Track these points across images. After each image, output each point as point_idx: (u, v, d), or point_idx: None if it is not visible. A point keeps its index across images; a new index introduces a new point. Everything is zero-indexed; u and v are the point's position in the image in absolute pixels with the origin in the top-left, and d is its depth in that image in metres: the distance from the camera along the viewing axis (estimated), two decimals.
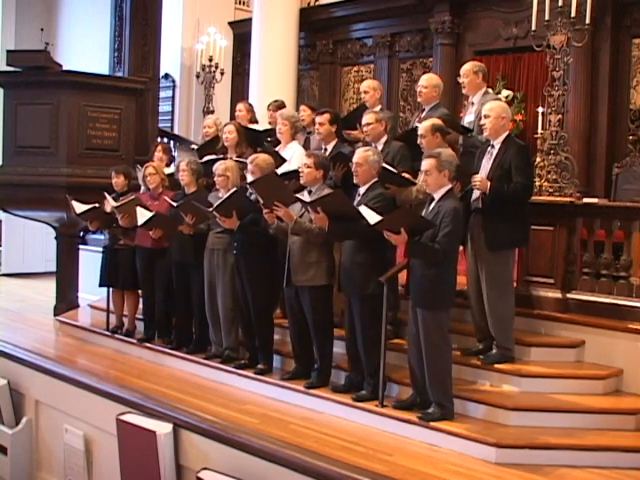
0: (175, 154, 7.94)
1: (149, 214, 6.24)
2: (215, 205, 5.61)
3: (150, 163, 6.78)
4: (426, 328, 4.73)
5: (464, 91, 6.01)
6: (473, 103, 5.88)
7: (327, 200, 5.02)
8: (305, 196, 5.26)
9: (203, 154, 6.72)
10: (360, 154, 5.14)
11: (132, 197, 6.61)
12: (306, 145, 6.49)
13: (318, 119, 5.91)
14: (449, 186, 4.79)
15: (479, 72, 5.83)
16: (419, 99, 6.10)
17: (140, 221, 6.25)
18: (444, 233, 4.62)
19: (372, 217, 4.74)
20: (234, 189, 5.61)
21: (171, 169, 6.91)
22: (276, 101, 7.28)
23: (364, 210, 4.83)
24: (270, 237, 5.55)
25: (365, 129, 5.64)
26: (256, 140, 6.57)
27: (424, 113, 6.00)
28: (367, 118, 5.64)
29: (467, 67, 5.88)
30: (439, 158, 4.75)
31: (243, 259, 5.72)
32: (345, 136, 6.09)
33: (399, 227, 4.66)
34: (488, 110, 5.17)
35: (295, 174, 5.53)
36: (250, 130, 6.68)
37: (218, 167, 5.86)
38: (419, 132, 5.34)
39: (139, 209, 6.31)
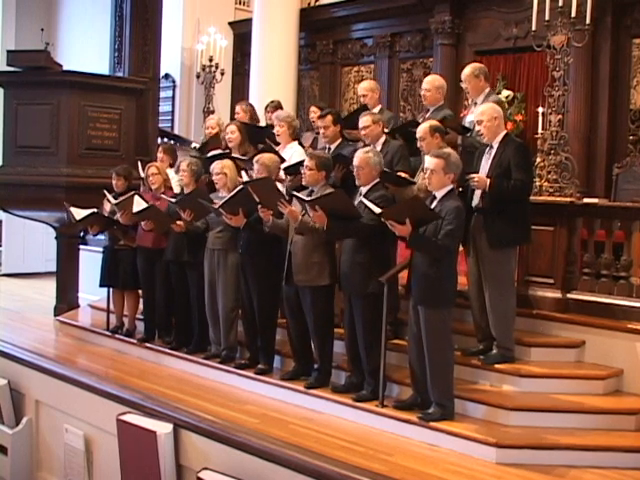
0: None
1: (145, 204, 6.28)
2: (222, 202, 5.58)
3: (153, 163, 6.78)
4: (428, 326, 4.72)
5: (469, 96, 6.02)
6: (476, 103, 5.86)
7: (327, 199, 5.01)
8: (304, 194, 5.24)
9: (206, 151, 6.70)
10: (361, 157, 5.09)
11: (132, 193, 6.61)
12: (314, 145, 6.50)
13: (321, 122, 5.90)
14: (451, 186, 4.79)
15: (480, 75, 5.82)
16: (424, 101, 6.10)
17: (135, 209, 6.28)
18: (446, 231, 4.62)
19: (377, 208, 4.74)
20: (241, 186, 5.56)
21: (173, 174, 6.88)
22: (272, 102, 7.25)
23: (368, 202, 4.81)
24: (276, 236, 5.52)
25: (363, 132, 5.63)
26: (258, 137, 6.55)
27: (428, 114, 6.00)
28: (364, 121, 5.62)
29: (467, 72, 5.86)
30: (448, 159, 4.73)
31: (249, 258, 5.70)
32: (346, 135, 6.09)
33: (405, 217, 4.62)
34: (480, 115, 5.16)
35: (300, 166, 5.50)
36: (252, 127, 6.66)
37: (215, 167, 5.85)
38: (418, 135, 5.32)
39: (136, 198, 6.35)
